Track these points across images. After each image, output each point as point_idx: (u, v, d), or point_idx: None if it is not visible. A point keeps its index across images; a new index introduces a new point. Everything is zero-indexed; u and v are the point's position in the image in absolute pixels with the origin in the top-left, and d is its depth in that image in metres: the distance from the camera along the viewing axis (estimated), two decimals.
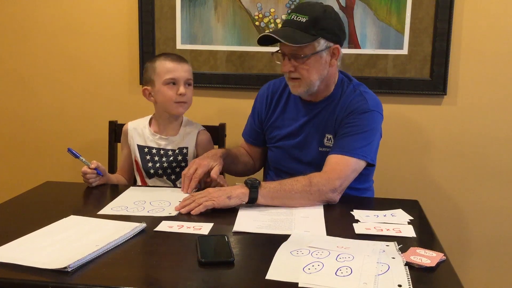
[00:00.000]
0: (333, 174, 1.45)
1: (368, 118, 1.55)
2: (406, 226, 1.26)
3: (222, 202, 1.35)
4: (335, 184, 1.43)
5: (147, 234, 1.19)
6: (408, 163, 2.14)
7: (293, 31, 1.51)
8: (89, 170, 1.60)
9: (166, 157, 1.77)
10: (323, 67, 1.55)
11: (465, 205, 2.13)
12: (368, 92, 1.63)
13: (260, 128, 1.78)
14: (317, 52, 1.52)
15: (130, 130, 1.82)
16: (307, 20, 1.50)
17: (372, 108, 1.56)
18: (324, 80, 1.58)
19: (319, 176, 1.45)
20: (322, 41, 1.52)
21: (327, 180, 1.43)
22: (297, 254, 1.06)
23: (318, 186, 1.41)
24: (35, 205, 1.46)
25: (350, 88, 1.63)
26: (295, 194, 1.40)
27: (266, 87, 1.79)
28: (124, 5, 2.18)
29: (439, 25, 1.99)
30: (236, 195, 1.36)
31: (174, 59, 1.73)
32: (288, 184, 1.41)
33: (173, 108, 1.72)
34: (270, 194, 1.39)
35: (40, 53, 2.27)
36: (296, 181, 1.42)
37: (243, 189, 1.37)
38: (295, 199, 1.41)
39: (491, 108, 2.05)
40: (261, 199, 1.38)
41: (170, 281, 0.97)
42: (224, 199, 1.35)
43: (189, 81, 1.73)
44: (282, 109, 1.72)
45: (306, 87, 1.56)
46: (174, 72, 1.70)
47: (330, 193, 1.43)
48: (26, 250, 1.07)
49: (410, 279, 0.94)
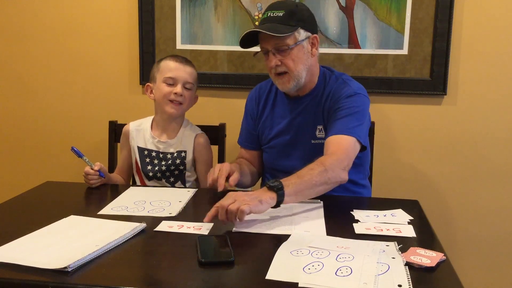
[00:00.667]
0: (340, 154, 1.46)
1: (356, 100, 1.58)
2: (406, 226, 1.26)
3: (256, 206, 1.22)
4: (344, 163, 1.45)
5: (147, 234, 1.19)
6: (408, 163, 2.14)
7: (274, 25, 1.55)
8: (92, 171, 1.60)
9: (165, 160, 1.77)
10: (306, 57, 1.59)
11: (465, 205, 2.13)
12: (350, 79, 1.67)
13: (255, 130, 1.79)
14: (299, 42, 1.56)
15: (132, 131, 1.82)
16: (283, 13, 1.55)
17: (357, 91, 1.60)
18: (308, 71, 1.62)
19: (329, 158, 1.44)
20: (301, 31, 1.57)
21: (337, 160, 1.44)
22: (297, 254, 1.06)
23: (332, 168, 1.41)
24: (35, 205, 1.46)
25: (332, 78, 1.67)
26: (315, 183, 1.36)
27: (254, 91, 1.82)
28: (124, 5, 2.18)
29: (439, 25, 1.99)
30: (266, 200, 1.25)
31: (179, 60, 1.75)
32: (306, 174, 1.36)
33: (167, 106, 1.73)
34: (294, 191, 1.31)
35: (40, 53, 2.27)
36: (311, 170, 1.38)
37: (270, 193, 1.27)
38: (316, 188, 1.38)
39: (491, 108, 2.05)
40: (287, 199, 1.30)
41: (170, 281, 0.97)
42: (257, 203, 1.22)
43: (189, 84, 1.74)
44: (271, 109, 1.74)
45: (295, 80, 1.59)
46: (175, 71, 1.72)
47: (343, 173, 1.43)
48: (26, 250, 1.07)
49: (410, 279, 0.94)
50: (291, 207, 1.40)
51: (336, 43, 2.07)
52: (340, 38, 2.06)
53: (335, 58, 2.08)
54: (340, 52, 2.07)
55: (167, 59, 1.76)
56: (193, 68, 1.77)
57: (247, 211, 1.19)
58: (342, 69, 2.07)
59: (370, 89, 2.05)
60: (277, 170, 1.71)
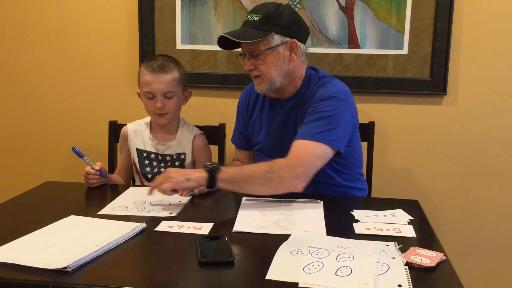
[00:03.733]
0: (296, 160, 1.41)
1: (329, 104, 1.53)
2: (406, 226, 1.26)
3: (180, 183, 1.35)
4: (298, 171, 1.39)
5: (147, 234, 1.19)
6: (408, 163, 2.14)
7: (246, 30, 1.56)
8: (93, 171, 1.60)
9: (164, 163, 1.76)
10: (281, 62, 1.57)
11: (465, 205, 2.13)
12: (332, 81, 1.61)
13: (245, 131, 1.80)
14: (273, 47, 1.55)
15: (130, 133, 1.81)
16: (259, 18, 1.55)
17: (333, 95, 1.54)
18: (286, 75, 1.59)
19: (280, 162, 1.42)
20: (276, 36, 1.54)
21: (288, 166, 1.40)
22: (297, 254, 1.06)
23: (279, 172, 1.38)
24: (35, 205, 1.46)
25: (315, 80, 1.64)
26: (254, 180, 1.38)
27: (245, 91, 1.82)
28: (124, 5, 2.18)
29: (439, 25, 1.99)
30: (194, 178, 1.36)
31: (154, 69, 1.67)
32: (249, 169, 1.41)
33: (155, 119, 1.74)
34: (229, 178, 1.37)
35: (40, 53, 2.27)
36: (258, 166, 1.42)
37: (202, 173, 1.36)
38: (255, 185, 1.39)
39: (491, 108, 2.05)
40: (221, 183, 1.37)
41: (170, 281, 0.97)
42: (183, 180, 1.35)
43: (169, 93, 1.68)
44: (259, 111, 1.74)
45: (268, 83, 1.58)
46: (151, 85, 1.67)
47: (293, 180, 1.39)
48: (26, 250, 1.07)
49: (410, 279, 0.94)
50: (291, 207, 1.40)
51: (336, 43, 2.07)
52: (340, 38, 2.06)
53: (335, 58, 2.08)
54: (340, 52, 2.07)
55: (143, 68, 1.70)
56: (171, 72, 1.69)
57: (168, 188, 1.34)
58: (342, 69, 2.07)
59: (370, 89, 2.06)
60: None
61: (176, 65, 1.72)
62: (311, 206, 1.41)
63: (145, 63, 1.72)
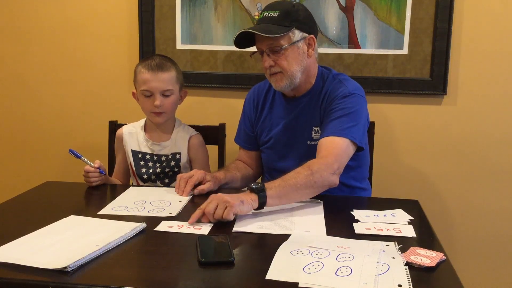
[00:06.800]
0: (330, 158, 1.45)
1: (350, 101, 1.57)
2: (406, 226, 1.26)
3: (238, 206, 1.26)
4: (334, 167, 1.43)
5: (147, 234, 1.19)
6: (408, 163, 2.13)
7: (267, 25, 1.56)
8: (92, 169, 1.60)
9: (159, 163, 1.76)
10: (301, 58, 1.59)
11: (465, 205, 2.13)
12: (347, 79, 1.66)
13: (252, 132, 1.80)
14: (294, 43, 1.56)
15: (125, 135, 1.81)
16: (278, 14, 1.55)
17: (353, 92, 1.59)
18: (304, 71, 1.61)
19: (317, 162, 1.44)
20: (296, 31, 1.56)
21: (326, 165, 1.43)
22: (297, 254, 1.06)
23: (319, 172, 1.40)
24: (35, 205, 1.46)
25: (330, 78, 1.66)
26: (300, 187, 1.37)
27: (252, 91, 1.82)
28: (124, 5, 2.18)
29: (439, 25, 1.99)
30: (248, 201, 1.29)
31: (152, 67, 1.67)
32: (291, 178, 1.38)
33: (151, 117, 1.74)
34: (277, 194, 1.34)
35: (40, 53, 2.27)
36: (297, 173, 1.39)
37: (251, 195, 1.31)
38: (301, 191, 1.39)
39: (491, 108, 2.05)
40: (270, 201, 1.33)
41: (170, 281, 0.97)
42: (239, 203, 1.27)
43: (167, 91, 1.69)
44: (269, 110, 1.74)
45: (288, 79, 1.59)
46: (149, 83, 1.67)
47: (331, 177, 1.42)
48: (26, 250, 1.07)
49: (410, 279, 0.94)
50: (291, 207, 1.40)
51: (336, 43, 2.07)
52: (340, 38, 2.06)
53: (335, 58, 2.08)
54: (340, 52, 2.07)
55: (140, 66, 1.70)
56: (169, 71, 1.69)
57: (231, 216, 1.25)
58: (342, 69, 2.07)
59: (370, 89, 2.05)
60: (275, 170, 1.71)
61: (173, 65, 1.74)
62: (311, 206, 1.41)
63: (142, 62, 1.73)
